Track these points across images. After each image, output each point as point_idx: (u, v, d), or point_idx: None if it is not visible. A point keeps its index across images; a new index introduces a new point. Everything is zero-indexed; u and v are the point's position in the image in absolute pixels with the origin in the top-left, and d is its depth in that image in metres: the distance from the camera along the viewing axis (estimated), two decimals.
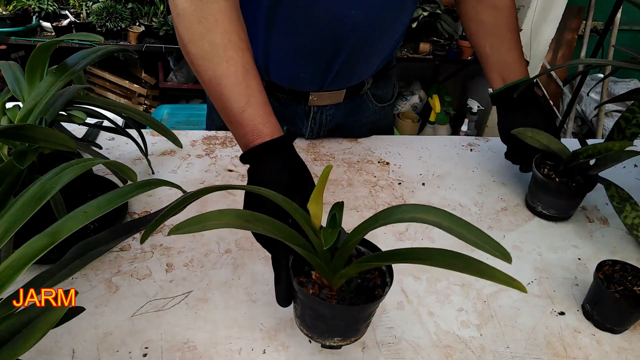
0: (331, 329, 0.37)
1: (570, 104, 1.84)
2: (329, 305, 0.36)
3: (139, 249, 0.51)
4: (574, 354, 0.43)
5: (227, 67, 0.45)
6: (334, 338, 0.38)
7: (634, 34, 2.09)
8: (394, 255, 0.34)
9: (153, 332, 0.42)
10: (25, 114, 0.45)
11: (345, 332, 0.37)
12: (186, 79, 2.01)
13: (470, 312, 0.47)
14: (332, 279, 0.36)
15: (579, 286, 0.51)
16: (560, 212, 0.60)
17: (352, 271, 0.36)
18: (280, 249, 0.39)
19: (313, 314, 0.37)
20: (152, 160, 0.64)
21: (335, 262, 0.36)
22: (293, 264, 0.38)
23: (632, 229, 0.52)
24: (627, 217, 0.52)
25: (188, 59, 0.48)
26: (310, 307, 0.37)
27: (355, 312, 0.36)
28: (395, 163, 0.70)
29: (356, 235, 0.35)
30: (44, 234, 0.28)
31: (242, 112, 0.44)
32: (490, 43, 0.63)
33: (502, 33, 0.63)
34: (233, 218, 0.34)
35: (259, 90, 0.46)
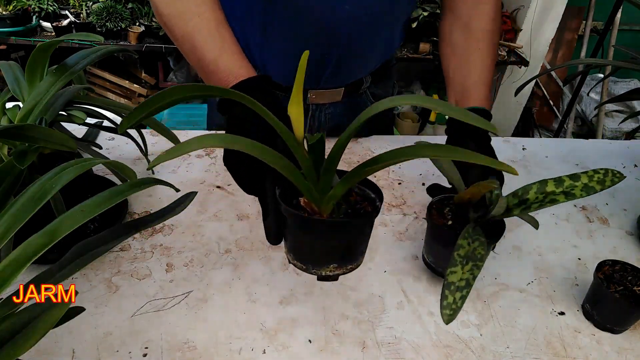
0: (327, 252, 0.35)
1: (570, 104, 1.84)
2: (323, 221, 0.35)
3: (139, 249, 0.51)
4: (574, 354, 0.43)
5: (199, 21, 0.45)
6: (330, 265, 0.36)
7: (634, 34, 2.09)
8: (380, 159, 0.33)
9: (153, 332, 0.42)
10: (25, 114, 0.45)
11: (342, 257, 0.36)
12: (186, 79, 2.01)
13: (470, 312, 0.47)
14: (321, 203, 0.35)
15: (579, 286, 0.51)
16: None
17: (340, 190, 0.34)
18: (265, 180, 0.37)
19: (306, 240, 0.35)
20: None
21: (323, 181, 0.34)
22: (280, 198, 0.36)
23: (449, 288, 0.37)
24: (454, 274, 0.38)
25: (161, 21, 0.48)
26: (303, 231, 0.35)
27: (349, 228, 0.35)
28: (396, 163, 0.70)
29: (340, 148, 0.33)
30: (42, 233, 0.28)
31: (216, 61, 0.44)
32: (455, 65, 0.58)
33: (469, 56, 0.56)
34: (215, 141, 0.32)
35: (232, 41, 0.46)
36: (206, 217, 0.56)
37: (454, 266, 0.37)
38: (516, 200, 0.42)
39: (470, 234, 0.40)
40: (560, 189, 0.40)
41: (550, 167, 0.73)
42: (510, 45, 1.80)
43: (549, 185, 0.40)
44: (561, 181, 0.40)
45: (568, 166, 0.74)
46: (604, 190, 0.39)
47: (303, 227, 0.35)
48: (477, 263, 0.38)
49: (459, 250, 0.39)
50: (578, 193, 0.39)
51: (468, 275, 0.37)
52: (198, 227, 0.54)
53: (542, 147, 0.78)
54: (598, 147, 0.80)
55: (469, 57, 0.56)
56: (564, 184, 0.40)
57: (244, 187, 0.40)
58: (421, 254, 0.52)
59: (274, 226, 0.37)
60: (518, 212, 0.41)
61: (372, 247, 0.54)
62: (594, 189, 0.39)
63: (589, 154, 0.77)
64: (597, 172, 0.39)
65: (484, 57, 0.56)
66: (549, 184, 0.41)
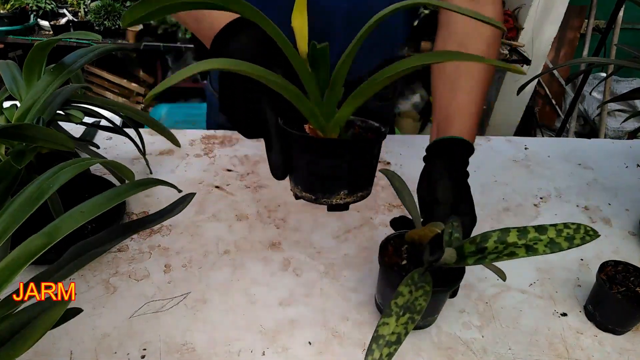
0: (336, 178, 0.34)
1: (572, 103, 1.83)
2: (332, 140, 0.33)
3: (137, 249, 0.50)
4: (576, 355, 0.43)
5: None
6: (340, 192, 0.35)
7: (636, 33, 2.09)
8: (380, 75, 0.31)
9: (151, 333, 0.42)
10: (22, 113, 0.44)
11: (351, 182, 0.35)
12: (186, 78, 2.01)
13: (471, 314, 0.46)
14: (327, 128, 0.33)
15: (581, 287, 0.51)
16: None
17: (345, 112, 0.33)
18: (266, 111, 0.35)
19: (315, 165, 0.34)
20: (151, 160, 0.63)
21: (327, 103, 0.32)
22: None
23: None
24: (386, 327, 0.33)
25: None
26: (311, 155, 0.34)
27: (358, 148, 0.34)
28: (396, 163, 0.69)
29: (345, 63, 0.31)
30: (41, 234, 0.28)
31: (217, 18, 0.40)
32: (442, 87, 0.51)
33: (457, 79, 0.49)
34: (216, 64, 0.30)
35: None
36: (205, 217, 0.56)
37: (388, 316, 0.32)
38: (473, 248, 0.37)
39: (414, 280, 0.35)
40: (523, 241, 0.35)
41: (552, 166, 0.73)
42: (512, 44, 1.79)
43: (510, 235, 0.35)
44: (525, 232, 0.35)
45: (570, 166, 0.73)
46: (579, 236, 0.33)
47: (311, 151, 0.34)
48: (414, 316, 0.32)
49: (397, 299, 0.34)
50: (541, 249, 0.33)
51: (401, 329, 0.32)
52: (197, 228, 0.54)
53: (545, 147, 0.77)
54: (600, 146, 0.80)
55: (457, 80, 0.49)
56: (527, 236, 0.35)
57: (245, 126, 0.38)
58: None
59: (280, 158, 0.35)
60: (472, 262, 0.36)
61: (372, 248, 0.54)
62: (559, 246, 0.33)
63: (591, 154, 0.77)
64: (568, 227, 0.34)
65: (473, 83, 0.48)
66: (512, 234, 0.36)
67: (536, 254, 0.33)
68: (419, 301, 0.34)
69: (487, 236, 0.36)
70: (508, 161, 0.73)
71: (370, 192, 0.37)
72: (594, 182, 0.70)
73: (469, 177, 0.45)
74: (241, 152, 0.68)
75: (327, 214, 0.58)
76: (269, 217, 0.57)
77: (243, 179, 0.63)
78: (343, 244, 0.54)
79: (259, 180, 0.63)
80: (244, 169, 0.65)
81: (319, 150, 0.34)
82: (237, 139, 0.71)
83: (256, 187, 0.61)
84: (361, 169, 0.36)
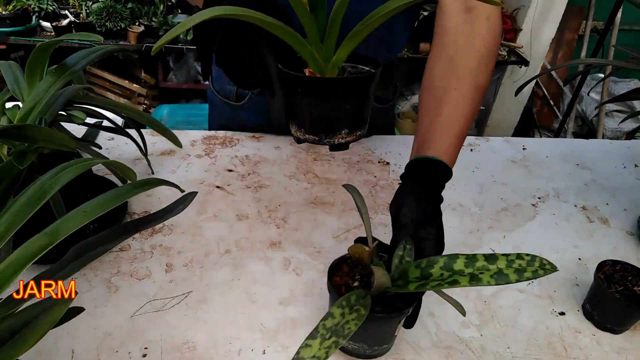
0: (338, 117, 0.36)
1: (570, 104, 1.84)
2: (334, 79, 0.35)
3: (138, 249, 0.51)
4: (575, 354, 0.43)
5: None
6: (342, 131, 0.37)
7: (634, 34, 2.09)
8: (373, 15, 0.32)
9: (153, 332, 0.42)
10: (24, 114, 0.45)
11: (351, 120, 0.37)
12: (186, 78, 2.01)
13: (470, 313, 0.47)
14: (325, 70, 0.35)
15: (579, 286, 0.51)
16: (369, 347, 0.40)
17: (343, 52, 0.34)
18: (267, 56, 0.36)
19: (317, 107, 0.36)
20: (152, 160, 0.64)
21: (326, 45, 0.34)
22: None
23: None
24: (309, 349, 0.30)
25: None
26: (312, 96, 0.35)
27: (356, 85, 0.36)
28: (396, 163, 0.70)
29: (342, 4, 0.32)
30: (43, 234, 0.28)
31: None
32: (427, 100, 0.47)
33: (444, 94, 0.45)
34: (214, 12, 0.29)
35: None
36: (206, 217, 0.56)
37: (312, 338, 0.30)
38: (418, 273, 0.34)
39: (350, 302, 0.33)
40: (470, 270, 0.32)
41: (551, 167, 0.73)
42: (510, 45, 1.80)
43: (458, 262, 0.33)
44: (473, 260, 0.32)
45: (568, 166, 0.74)
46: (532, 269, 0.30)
47: (315, 92, 0.35)
48: (339, 340, 0.30)
49: (326, 320, 0.31)
50: (486, 279, 0.31)
51: (322, 353, 0.29)
52: (198, 228, 0.54)
53: (543, 147, 0.78)
54: (598, 146, 0.80)
55: (444, 95, 0.46)
56: (475, 264, 0.32)
57: (242, 75, 0.38)
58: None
59: (282, 102, 0.36)
60: (414, 288, 0.33)
61: None
62: (506, 278, 0.30)
63: (589, 154, 0.77)
64: (521, 258, 0.31)
65: (459, 100, 0.45)
66: (459, 260, 0.33)
67: (480, 284, 0.31)
68: (349, 325, 0.31)
69: (434, 261, 0.34)
70: (506, 161, 0.73)
71: (366, 131, 0.39)
72: (592, 182, 0.70)
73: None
74: (242, 153, 0.68)
75: (326, 214, 0.58)
76: (269, 217, 0.57)
77: (244, 179, 0.63)
78: (343, 243, 0.54)
79: (259, 181, 0.63)
80: (245, 169, 0.65)
81: (322, 90, 0.35)
82: (238, 140, 0.71)
83: (257, 187, 0.62)
84: (360, 107, 0.37)
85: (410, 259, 0.36)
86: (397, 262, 0.36)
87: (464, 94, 0.45)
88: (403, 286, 0.34)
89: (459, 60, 0.47)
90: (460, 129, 0.45)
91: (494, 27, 0.48)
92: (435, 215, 0.40)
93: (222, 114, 0.74)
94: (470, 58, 0.47)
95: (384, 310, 0.36)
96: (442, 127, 0.44)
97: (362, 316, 0.32)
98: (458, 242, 0.56)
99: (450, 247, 0.55)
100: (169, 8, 1.84)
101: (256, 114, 0.71)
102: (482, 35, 0.47)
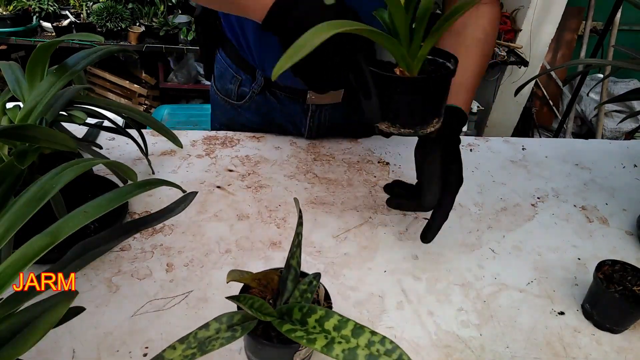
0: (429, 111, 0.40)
1: (570, 104, 1.84)
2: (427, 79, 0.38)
3: (139, 249, 0.51)
4: (574, 354, 0.44)
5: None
6: (432, 121, 0.41)
7: (633, 34, 2.09)
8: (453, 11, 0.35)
9: (153, 332, 0.42)
10: (25, 114, 0.45)
11: (439, 111, 0.41)
12: (186, 79, 2.01)
13: (470, 312, 0.47)
14: (412, 66, 0.38)
15: (578, 286, 0.51)
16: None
17: (426, 49, 0.37)
18: (361, 61, 0.39)
19: (413, 103, 0.39)
20: (153, 161, 0.64)
21: (414, 43, 0.37)
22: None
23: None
24: None
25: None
26: (409, 95, 0.39)
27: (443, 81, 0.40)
28: (395, 163, 0.70)
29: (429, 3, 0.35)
30: (44, 234, 0.28)
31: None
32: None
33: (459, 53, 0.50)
34: (332, 28, 0.29)
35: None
36: (206, 217, 0.56)
37: (181, 342, 0.30)
38: (299, 316, 0.32)
39: (232, 321, 0.31)
40: (335, 334, 0.30)
41: (550, 167, 0.73)
42: (510, 46, 1.80)
43: (330, 321, 0.30)
44: (344, 325, 0.30)
45: (568, 166, 0.74)
46: (386, 359, 0.27)
47: (412, 90, 0.39)
48: (197, 354, 0.29)
49: (201, 330, 0.30)
50: (336, 351, 0.28)
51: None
52: (198, 227, 0.54)
53: (542, 147, 0.78)
54: (598, 147, 0.80)
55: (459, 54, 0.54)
56: (341, 331, 0.29)
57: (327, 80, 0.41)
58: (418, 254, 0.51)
59: (377, 102, 0.39)
60: (284, 330, 0.32)
61: (372, 247, 0.54)
62: (355, 357, 0.28)
63: (588, 154, 0.78)
64: (383, 344, 0.28)
65: (470, 62, 0.53)
66: (332, 319, 0.30)
67: (328, 354, 0.28)
68: (214, 343, 0.30)
69: (313, 310, 0.32)
70: (506, 161, 0.74)
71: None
72: (591, 182, 0.70)
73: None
74: (242, 153, 0.69)
75: (326, 213, 0.58)
76: (269, 217, 0.57)
77: (244, 179, 0.63)
78: (343, 243, 0.54)
79: (259, 181, 0.63)
80: (245, 169, 0.65)
81: (419, 88, 0.39)
82: (238, 140, 0.72)
83: (257, 187, 0.62)
84: (444, 97, 0.42)
85: (311, 295, 0.34)
86: (297, 295, 0.35)
87: (473, 60, 0.54)
88: (281, 324, 0.32)
89: (466, 32, 0.55)
90: (471, 87, 0.53)
91: (495, 11, 0.57)
92: (457, 152, 0.48)
93: (223, 112, 0.75)
94: (476, 31, 0.55)
95: (277, 338, 0.34)
96: (456, 84, 0.49)
97: (235, 338, 0.30)
98: (458, 242, 0.56)
99: (450, 247, 0.55)
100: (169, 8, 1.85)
101: (257, 114, 0.72)
102: (486, 15, 0.56)
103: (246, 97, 0.69)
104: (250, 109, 0.71)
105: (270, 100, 0.69)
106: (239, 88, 0.69)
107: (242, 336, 0.32)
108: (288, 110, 0.70)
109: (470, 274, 0.52)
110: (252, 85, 0.68)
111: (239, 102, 0.71)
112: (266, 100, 0.69)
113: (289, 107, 0.69)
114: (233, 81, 0.69)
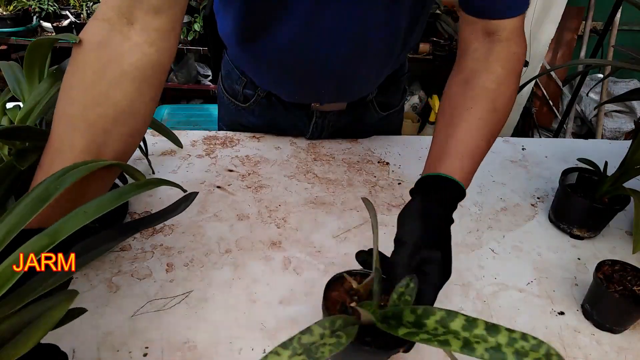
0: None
1: (569, 104, 1.84)
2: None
3: (139, 249, 0.51)
4: (574, 354, 0.44)
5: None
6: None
7: (633, 34, 2.09)
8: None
9: (153, 332, 0.42)
10: (25, 114, 0.45)
11: None
12: (186, 79, 2.01)
13: (470, 312, 0.47)
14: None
15: (578, 286, 0.51)
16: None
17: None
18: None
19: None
20: (153, 160, 0.64)
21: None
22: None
23: None
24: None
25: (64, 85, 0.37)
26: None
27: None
28: (395, 163, 0.70)
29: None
30: (44, 234, 0.28)
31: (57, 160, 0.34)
32: (443, 121, 0.46)
33: (459, 114, 0.44)
34: None
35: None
36: (206, 217, 0.56)
37: (284, 348, 0.28)
38: (412, 318, 0.32)
39: (334, 325, 0.31)
40: (466, 334, 0.29)
41: (550, 167, 0.73)
42: None
43: (456, 322, 0.30)
44: (473, 324, 0.29)
45: (567, 166, 0.74)
46: (535, 355, 0.27)
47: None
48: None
49: (304, 334, 0.29)
50: (479, 351, 0.28)
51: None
52: (198, 227, 0.54)
53: (542, 147, 0.78)
54: (598, 147, 0.80)
55: (459, 115, 0.44)
56: (473, 330, 0.29)
57: None
58: None
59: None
60: (402, 333, 0.31)
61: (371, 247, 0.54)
62: (503, 355, 0.27)
63: (588, 154, 0.77)
64: (526, 340, 0.27)
65: (474, 121, 0.43)
66: (458, 319, 0.30)
67: (471, 355, 0.27)
68: (323, 349, 0.29)
69: (430, 312, 0.31)
70: (506, 161, 0.74)
71: None
72: None
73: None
74: (242, 153, 0.69)
75: (326, 213, 0.58)
76: (269, 217, 0.57)
77: (244, 179, 0.63)
78: (343, 243, 0.54)
79: (259, 181, 0.63)
80: (245, 169, 0.65)
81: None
82: (239, 140, 0.72)
83: (257, 187, 0.62)
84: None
85: (410, 298, 0.33)
86: (395, 298, 0.34)
87: (480, 115, 0.44)
88: (393, 327, 0.32)
89: (474, 82, 0.46)
90: (474, 151, 0.42)
91: (514, 50, 0.47)
92: (442, 236, 0.38)
93: (228, 112, 0.74)
94: (487, 80, 0.45)
95: (373, 343, 0.34)
96: (455, 148, 0.42)
97: (341, 344, 0.30)
98: (457, 242, 0.56)
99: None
100: None
101: (260, 118, 0.71)
102: (500, 58, 0.46)
103: (251, 100, 0.69)
104: (254, 113, 0.71)
105: (275, 104, 0.69)
106: (244, 89, 0.69)
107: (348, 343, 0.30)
108: (293, 115, 0.70)
109: (470, 274, 0.52)
110: (257, 88, 0.68)
111: (244, 104, 0.70)
112: (271, 104, 0.69)
113: (294, 112, 0.69)
114: (239, 82, 0.69)
